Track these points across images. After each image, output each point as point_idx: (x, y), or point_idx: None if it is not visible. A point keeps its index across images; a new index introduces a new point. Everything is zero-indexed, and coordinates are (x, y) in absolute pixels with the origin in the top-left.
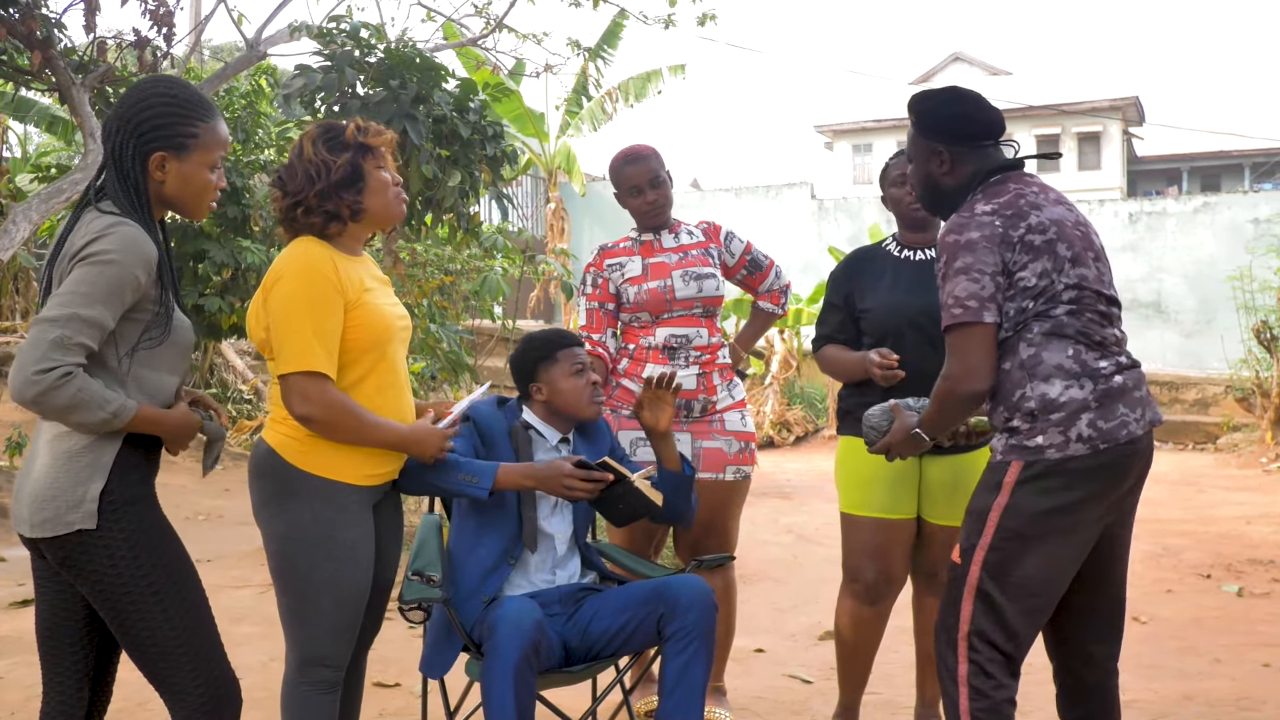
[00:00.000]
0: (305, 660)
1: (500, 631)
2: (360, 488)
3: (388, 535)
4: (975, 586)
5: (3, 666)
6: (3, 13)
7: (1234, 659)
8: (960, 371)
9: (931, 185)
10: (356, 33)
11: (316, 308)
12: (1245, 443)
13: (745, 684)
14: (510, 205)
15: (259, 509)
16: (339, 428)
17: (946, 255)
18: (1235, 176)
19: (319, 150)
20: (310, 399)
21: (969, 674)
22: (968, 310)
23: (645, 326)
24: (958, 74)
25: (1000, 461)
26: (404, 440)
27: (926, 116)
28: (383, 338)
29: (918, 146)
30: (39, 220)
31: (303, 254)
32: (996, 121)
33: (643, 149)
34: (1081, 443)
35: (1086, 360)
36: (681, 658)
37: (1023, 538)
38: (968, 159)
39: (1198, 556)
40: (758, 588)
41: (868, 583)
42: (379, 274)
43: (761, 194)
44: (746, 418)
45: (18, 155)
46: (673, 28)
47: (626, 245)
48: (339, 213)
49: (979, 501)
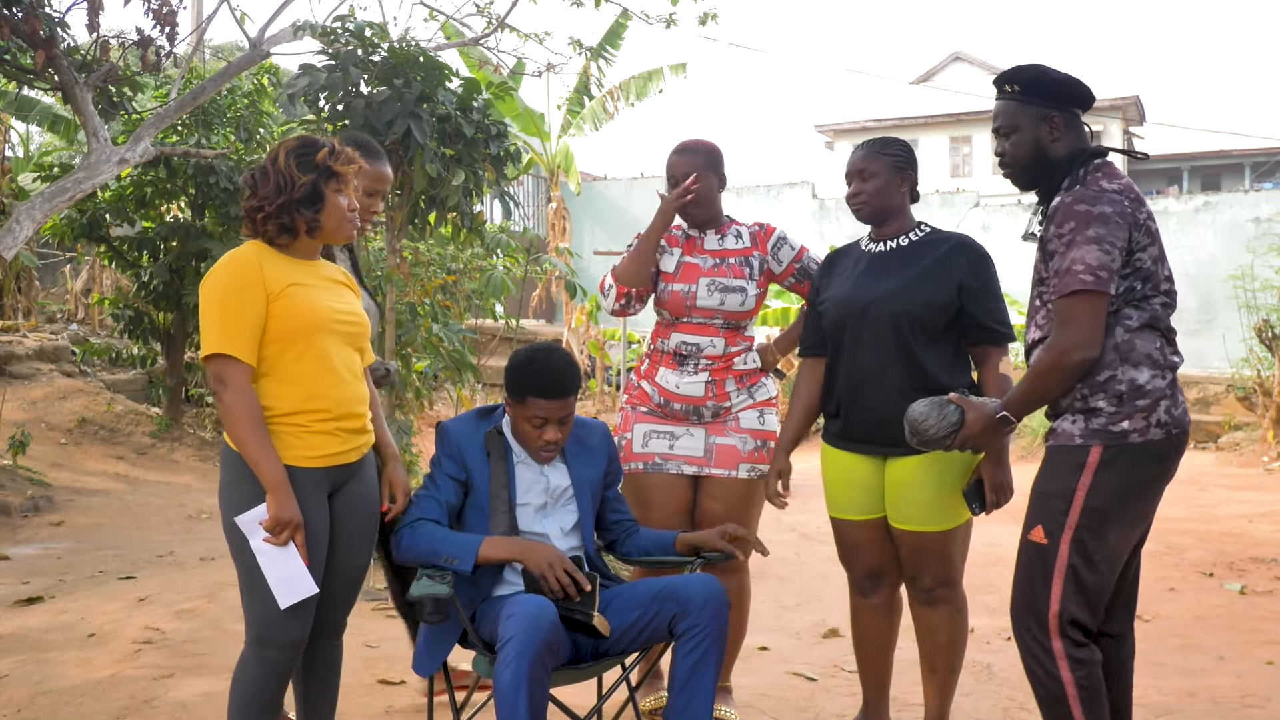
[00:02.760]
0: (258, 639)
1: (516, 629)
2: (309, 469)
3: (352, 519)
4: (1065, 564)
5: (7, 664)
6: (6, 11)
7: (1237, 656)
8: (1074, 339)
9: (1039, 152)
10: (361, 32)
11: (231, 298)
12: (1247, 442)
13: (750, 682)
14: (514, 205)
15: (220, 495)
16: (236, 418)
17: (1075, 222)
18: (1236, 176)
19: (289, 164)
20: (224, 380)
21: (1065, 648)
22: (1098, 279)
23: (666, 326)
24: (959, 73)
25: (1080, 445)
26: (270, 484)
27: (1037, 82)
28: (308, 328)
29: (1024, 115)
30: (42, 219)
31: (231, 255)
32: (1091, 93)
33: (698, 143)
34: (1160, 428)
35: (1166, 353)
36: (693, 656)
37: (1106, 516)
38: (1072, 127)
39: (1200, 555)
40: (762, 586)
41: (856, 577)
42: (337, 277)
43: (763, 193)
44: (767, 416)
45: (20, 154)
46: (674, 27)
47: (675, 234)
48: (293, 226)
49: (1057, 483)
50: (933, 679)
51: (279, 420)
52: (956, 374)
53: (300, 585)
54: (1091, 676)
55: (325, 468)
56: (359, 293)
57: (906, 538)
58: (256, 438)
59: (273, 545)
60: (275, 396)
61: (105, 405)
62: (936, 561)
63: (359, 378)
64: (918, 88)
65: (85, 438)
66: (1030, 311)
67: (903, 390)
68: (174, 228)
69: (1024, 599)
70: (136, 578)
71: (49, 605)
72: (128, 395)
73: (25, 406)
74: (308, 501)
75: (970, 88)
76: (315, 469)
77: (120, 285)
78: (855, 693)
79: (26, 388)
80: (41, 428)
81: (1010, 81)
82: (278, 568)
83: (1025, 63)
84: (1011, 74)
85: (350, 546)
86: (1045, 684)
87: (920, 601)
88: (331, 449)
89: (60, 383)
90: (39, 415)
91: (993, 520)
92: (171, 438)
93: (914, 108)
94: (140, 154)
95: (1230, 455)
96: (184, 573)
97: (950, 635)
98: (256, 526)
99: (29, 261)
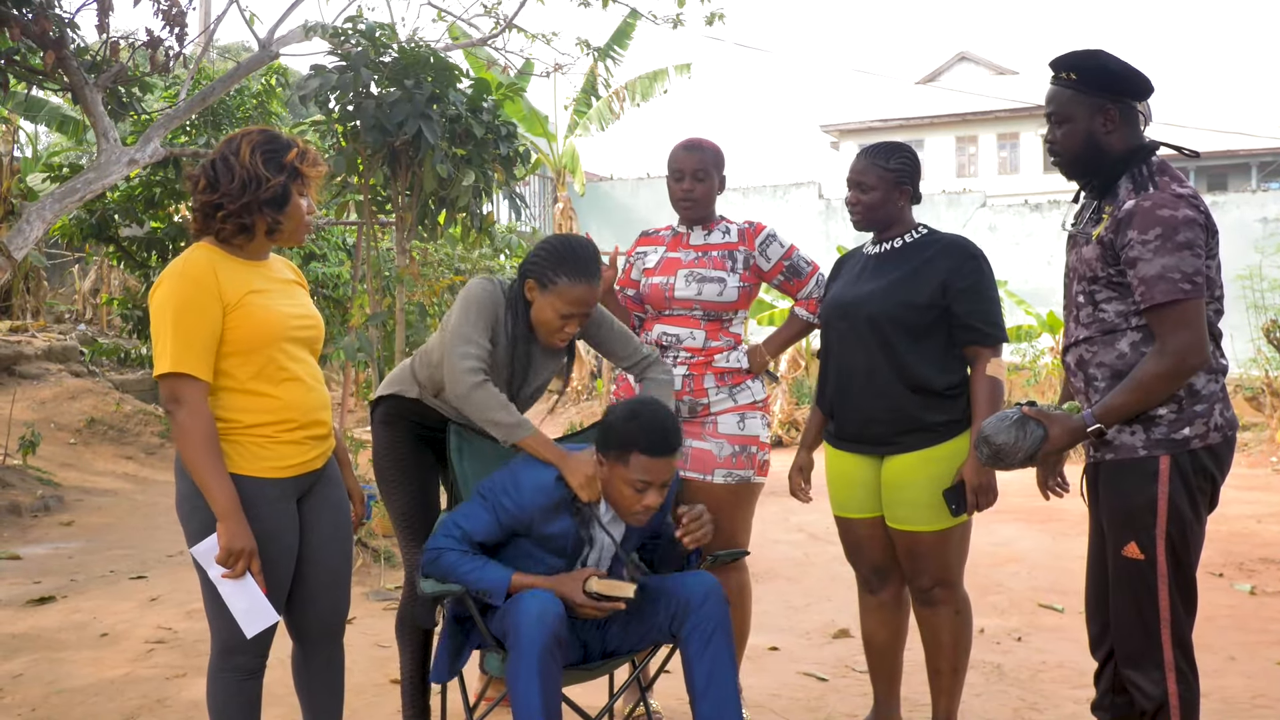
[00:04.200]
0: (224, 649)
1: (524, 625)
2: (275, 480)
3: (328, 519)
4: (1167, 574)
5: (21, 664)
6: (16, 13)
7: (1248, 657)
8: (1188, 344)
9: (1091, 144)
10: (372, 33)
11: (186, 313)
12: (1255, 442)
13: (760, 682)
14: (523, 205)
15: (179, 504)
16: (189, 439)
17: (1163, 229)
18: (1242, 176)
19: (256, 162)
20: (178, 399)
21: (1176, 660)
22: (1196, 287)
23: (649, 320)
24: (964, 73)
25: (1146, 456)
26: (221, 511)
27: (1095, 72)
28: (268, 339)
29: (1078, 104)
30: (52, 219)
31: (184, 260)
32: (1151, 85)
33: (704, 141)
34: (1217, 431)
35: (1217, 357)
36: (705, 657)
37: (1186, 523)
38: (1128, 120)
39: (1209, 555)
40: (770, 586)
41: (862, 574)
42: (289, 276)
43: (769, 193)
44: (748, 421)
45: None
46: (681, 27)
47: (663, 234)
48: (253, 225)
49: (1137, 497)
50: (938, 680)
51: (244, 432)
52: (945, 372)
53: (263, 614)
54: (1191, 692)
55: (293, 477)
56: (307, 288)
57: (903, 538)
58: (209, 461)
59: (229, 578)
60: (239, 409)
61: (114, 405)
62: (933, 562)
63: (321, 382)
64: (923, 88)
65: (94, 438)
66: (1070, 307)
67: (888, 389)
68: (182, 228)
69: (1131, 617)
70: (147, 577)
71: (61, 605)
72: (136, 395)
73: (34, 406)
74: (277, 514)
75: (976, 88)
76: (283, 479)
77: (128, 285)
78: (866, 692)
79: (35, 388)
80: (51, 428)
81: (1067, 68)
82: (237, 598)
83: (1084, 48)
84: (1069, 60)
85: (326, 549)
86: (1150, 695)
87: (920, 602)
88: (300, 458)
89: (69, 383)
90: (48, 415)
91: (1002, 521)
92: None
93: (920, 108)
94: (150, 154)
95: (1238, 455)
96: (194, 573)
97: (952, 636)
98: (210, 559)
99: (37, 262)
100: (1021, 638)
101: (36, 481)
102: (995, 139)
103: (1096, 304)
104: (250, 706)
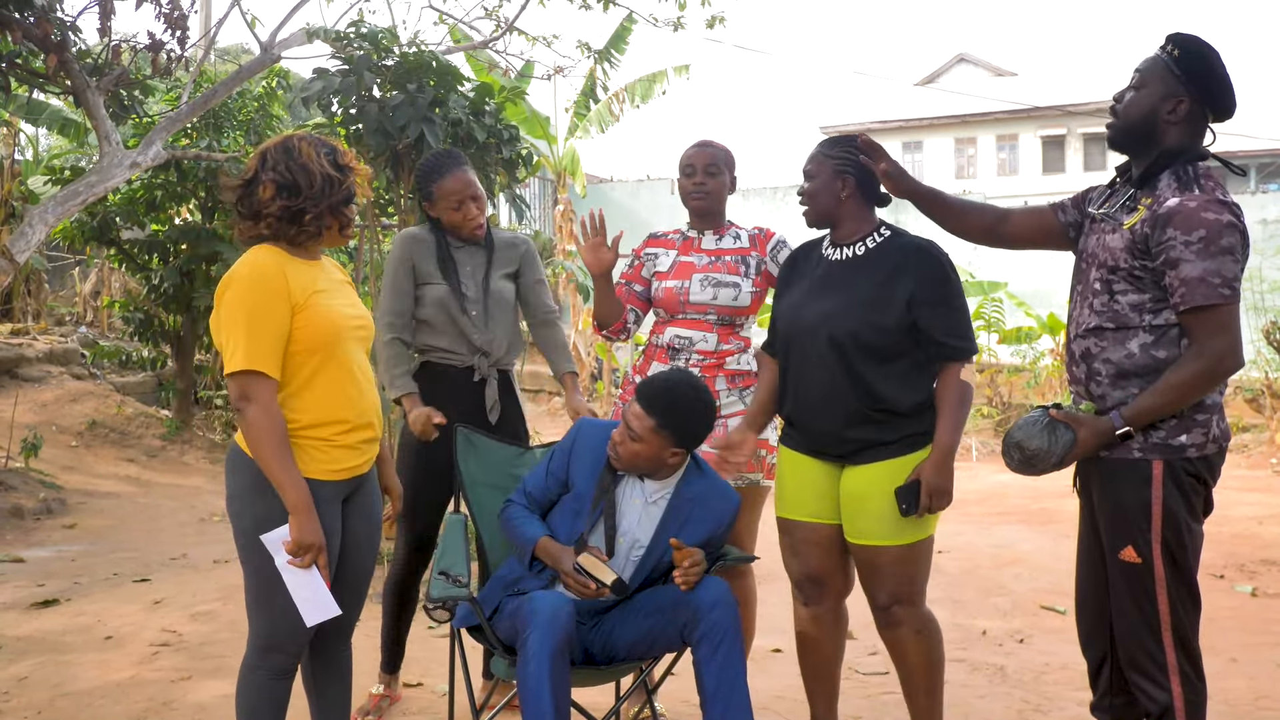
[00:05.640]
0: (264, 647)
1: (535, 623)
2: (328, 483)
3: (363, 525)
4: (1165, 577)
5: (27, 666)
6: (18, 16)
7: (1250, 658)
8: (1225, 348)
9: (1150, 121)
10: (374, 37)
11: (259, 312)
12: (1255, 443)
13: (764, 684)
14: (525, 207)
15: (230, 501)
16: (261, 436)
17: (1207, 231)
18: (1242, 177)
19: (325, 164)
20: (249, 396)
21: (1179, 662)
22: (1234, 292)
23: (661, 323)
24: (963, 75)
25: (1140, 459)
26: (294, 507)
27: (1196, 59)
28: (332, 338)
29: (1160, 79)
30: (54, 222)
31: (253, 262)
32: (1234, 108)
33: (717, 143)
34: (1214, 443)
35: None
36: (715, 661)
37: (1181, 527)
38: (1193, 122)
39: (1210, 557)
40: (773, 587)
41: (796, 581)
42: (339, 275)
43: (768, 195)
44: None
45: (29, 158)
46: (681, 30)
47: (672, 237)
48: (329, 225)
49: (1130, 500)
50: (914, 704)
51: (301, 434)
52: (913, 390)
53: (324, 606)
54: (1198, 694)
55: (343, 480)
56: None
57: (863, 553)
58: (281, 458)
59: (296, 567)
60: (297, 409)
61: (115, 408)
62: (893, 578)
63: (373, 384)
64: (922, 89)
65: (96, 440)
66: (1084, 294)
67: (855, 412)
68: (184, 231)
69: (1133, 620)
70: (151, 580)
71: (65, 607)
72: (138, 398)
73: (36, 409)
74: (327, 515)
75: (975, 89)
76: (335, 482)
77: (130, 288)
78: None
79: (37, 390)
80: (52, 430)
81: (1176, 44)
82: (301, 588)
83: (1204, 39)
84: (1183, 38)
85: (359, 552)
86: (1155, 699)
87: (880, 624)
88: (351, 462)
89: (70, 385)
90: (49, 418)
91: (1003, 522)
92: (182, 440)
93: (919, 109)
94: (152, 157)
95: (1238, 457)
96: (198, 575)
97: (921, 658)
98: (280, 547)
99: (39, 264)
100: (1024, 639)
101: (39, 484)
102: (994, 140)
103: (1113, 294)
104: (278, 709)
